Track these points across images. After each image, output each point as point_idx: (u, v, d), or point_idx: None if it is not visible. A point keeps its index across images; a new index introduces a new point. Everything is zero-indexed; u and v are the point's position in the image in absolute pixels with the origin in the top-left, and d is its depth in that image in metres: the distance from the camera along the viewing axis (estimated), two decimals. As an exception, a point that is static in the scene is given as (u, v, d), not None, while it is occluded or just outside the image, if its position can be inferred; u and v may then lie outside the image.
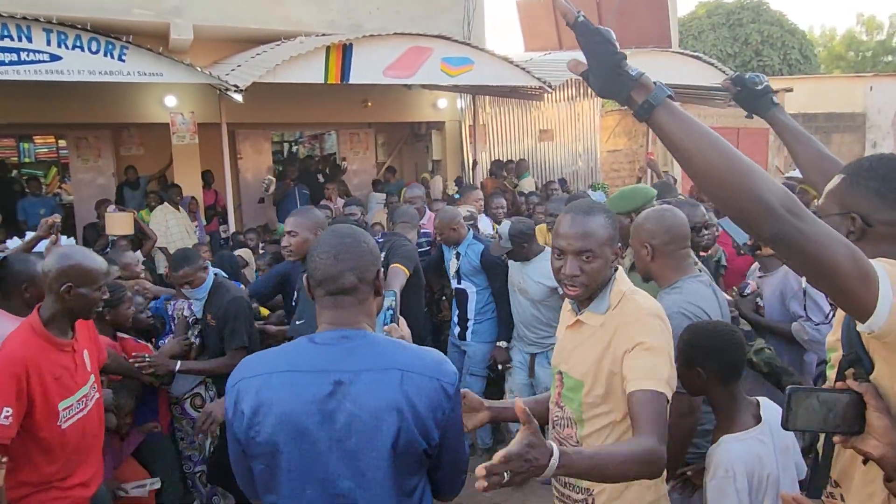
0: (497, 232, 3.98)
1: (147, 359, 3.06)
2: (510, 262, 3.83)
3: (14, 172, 11.02)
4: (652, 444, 1.49)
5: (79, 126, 8.64)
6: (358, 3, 8.25)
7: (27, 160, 11.66)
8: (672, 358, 1.69)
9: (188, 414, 3.40)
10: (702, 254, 3.03)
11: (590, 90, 9.80)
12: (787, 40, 18.55)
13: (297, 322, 2.99)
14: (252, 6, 7.62)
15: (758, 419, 1.85)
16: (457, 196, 6.70)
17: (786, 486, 1.82)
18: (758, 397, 1.94)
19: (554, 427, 1.88)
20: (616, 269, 1.81)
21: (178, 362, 3.16)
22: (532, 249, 3.70)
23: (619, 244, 1.81)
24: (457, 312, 4.18)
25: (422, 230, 4.65)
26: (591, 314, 1.77)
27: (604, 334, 1.72)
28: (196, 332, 3.44)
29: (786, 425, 1.24)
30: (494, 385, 4.25)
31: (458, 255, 4.12)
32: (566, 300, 1.87)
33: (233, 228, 7.25)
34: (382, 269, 1.54)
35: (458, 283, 4.13)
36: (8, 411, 2.08)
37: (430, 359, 1.44)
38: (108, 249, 6.62)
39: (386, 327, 1.74)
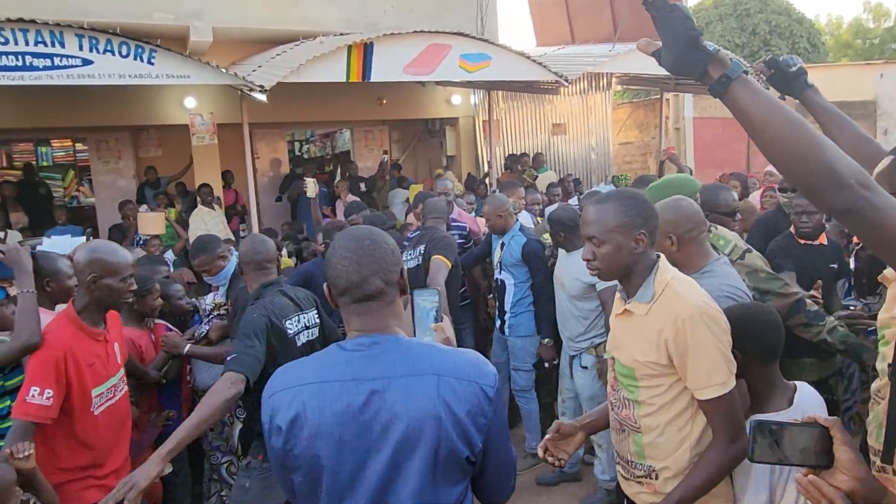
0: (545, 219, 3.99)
1: (163, 339, 3.23)
2: (559, 253, 3.77)
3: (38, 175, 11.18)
4: (721, 449, 1.69)
5: (99, 129, 8.77)
6: (373, 1, 8.33)
7: (45, 164, 11.78)
8: (724, 347, 1.72)
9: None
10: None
11: (602, 83, 9.86)
12: (795, 29, 18.49)
13: None
14: (269, 7, 7.72)
15: (791, 403, 1.85)
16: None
17: None
18: (797, 382, 1.95)
19: (613, 409, 1.96)
20: (658, 257, 1.85)
21: (188, 345, 3.24)
22: (572, 241, 3.62)
23: (643, 230, 1.81)
24: (497, 304, 4.16)
25: (453, 223, 4.63)
26: (636, 303, 1.82)
27: (650, 323, 1.77)
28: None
29: (751, 457, 1.21)
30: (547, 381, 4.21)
31: (502, 245, 4.08)
32: (617, 290, 1.94)
33: (255, 228, 7.35)
34: (405, 268, 1.49)
35: (499, 273, 4.11)
36: (49, 392, 2.24)
37: (467, 361, 1.38)
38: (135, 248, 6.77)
39: (433, 326, 1.69)
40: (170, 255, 6.39)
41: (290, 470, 1.36)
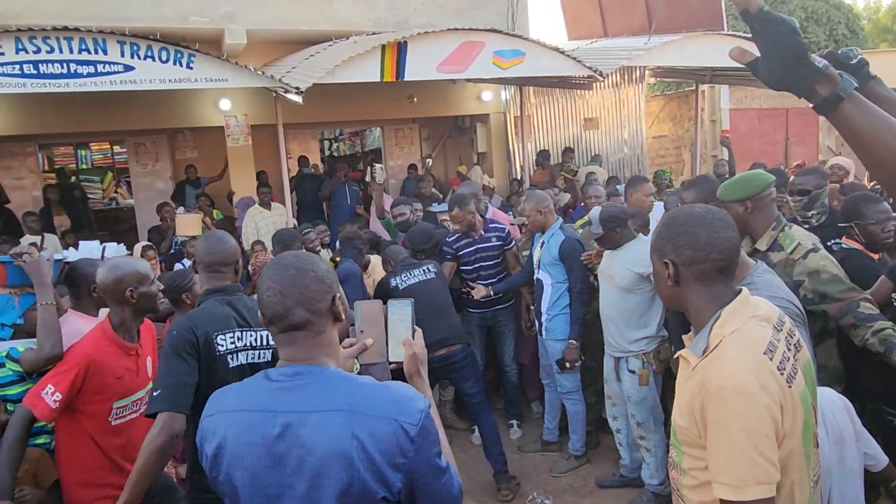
0: (589, 218, 3.84)
1: None
2: (605, 253, 3.68)
3: (73, 178, 11.45)
4: None
5: (137, 132, 8.94)
6: (403, -1, 8.34)
7: (84, 166, 12.06)
8: (755, 441, 1.31)
9: None
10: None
11: (635, 76, 9.71)
12: (833, 15, 17.99)
13: None
14: (301, 8, 7.77)
15: None
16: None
17: (843, 475, 1.81)
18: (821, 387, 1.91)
19: (670, 464, 1.65)
20: (731, 300, 1.46)
21: None
22: (624, 235, 3.52)
23: (668, 258, 1.50)
24: (535, 305, 4.10)
25: (490, 225, 4.55)
26: (689, 353, 1.50)
27: (696, 379, 1.43)
28: None
29: None
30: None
31: (542, 244, 3.98)
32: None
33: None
34: (339, 294, 1.42)
35: (538, 272, 4.02)
36: (58, 396, 2.36)
37: (388, 397, 1.31)
38: (172, 251, 6.89)
39: (402, 340, 1.61)
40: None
41: (220, 493, 1.38)
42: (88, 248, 3.64)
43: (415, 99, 9.20)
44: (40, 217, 7.12)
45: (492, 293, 4.36)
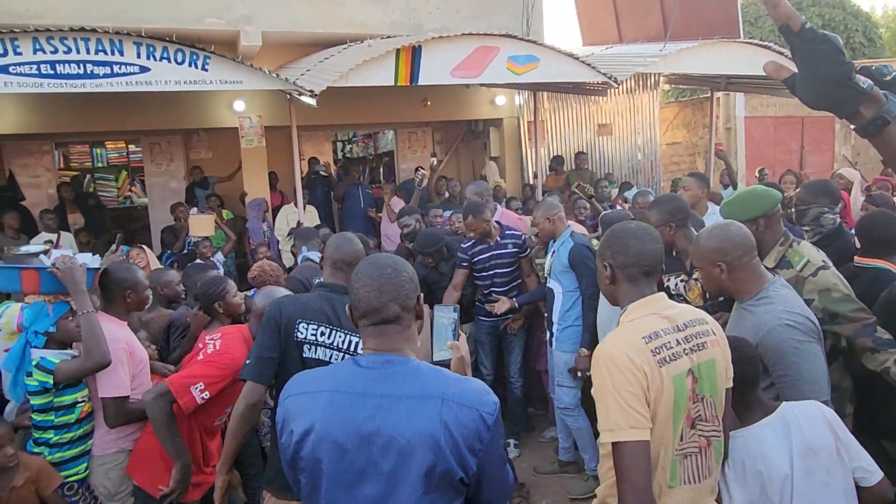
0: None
1: None
2: None
3: (86, 179, 11.55)
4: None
5: (152, 132, 9.01)
6: (419, 3, 8.33)
7: (99, 165, 12.18)
8: (618, 396, 1.61)
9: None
10: None
11: (650, 82, 9.66)
12: (850, 23, 17.83)
13: None
14: (317, 11, 7.79)
15: (764, 416, 1.93)
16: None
17: (812, 488, 1.81)
18: (786, 402, 1.96)
19: None
20: (642, 298, 1.79)
21: None
22: None
23: (605, 262, 1.85)
24: (546, 315, 4.02)
25: (506, 232, 4.45)
26: None
27: None
28: None
29: None
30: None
31: (553, 252, 3.93)
32: None
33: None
34: (421, 295, 1.56)
35: (549, 281, 3.96)
36: (206, 395, 2.55)
37: (471, 389, 1.44)
38: (185, 251, 6.93)
39: (448, 343, 1.72)
40: (219, 257, 6.52)
41: (297, 471, 1.48)
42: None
43: (428, 103, 9.20)
44: (57, 215, 7.17)
45: (517, 305, 4.28)
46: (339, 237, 2.64)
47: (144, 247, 5.12)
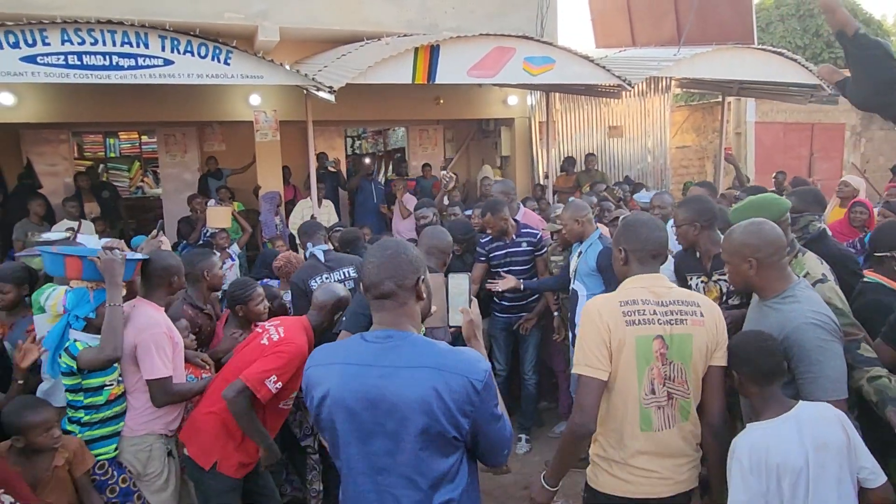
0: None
1: None
2: None
3: (100, 169, 11.64)
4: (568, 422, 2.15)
5: (167, 123, 9.09)
6: (434, 2, 8.40)
7: (112, 155, 12.28)
8: (585, 339, 2.11)
9: None
10: None
11: (661, 85, 9.70)
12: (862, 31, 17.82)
13: None
14: (334, 8, 7.86)
15: (783, 412, 2.01)
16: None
17: (826, 483, 1.90)
18: (802, 401, 2.05)
19: None
20: (633, 276, 2.23)
21: None
22: None
23: (620, 246, 2.27)
24: (570, 315, 4.03)
25: (523, 230, 4.52)
26: None
27: None
28: None
29: None
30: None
31: (579, 254, 3.95)
32: None
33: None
34: (424, 277, 1.73)
35: (574, 282, 3.97)
36: (279, 385, 2.71)
37: (462, 358, 1.64)
38: (201, 241, 7.02)
39: (460, 308, 1.94)
40: (235, 249, 6.61)
41: (321, 430, 1.74)
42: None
43: (441, 101, 9.27)
44: (80, 204, 7.26)
45: (521, 287, 4.28)
46: (434, 228, 3.44)
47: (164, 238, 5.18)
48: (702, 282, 3.12)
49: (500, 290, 4.28)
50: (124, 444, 2.83)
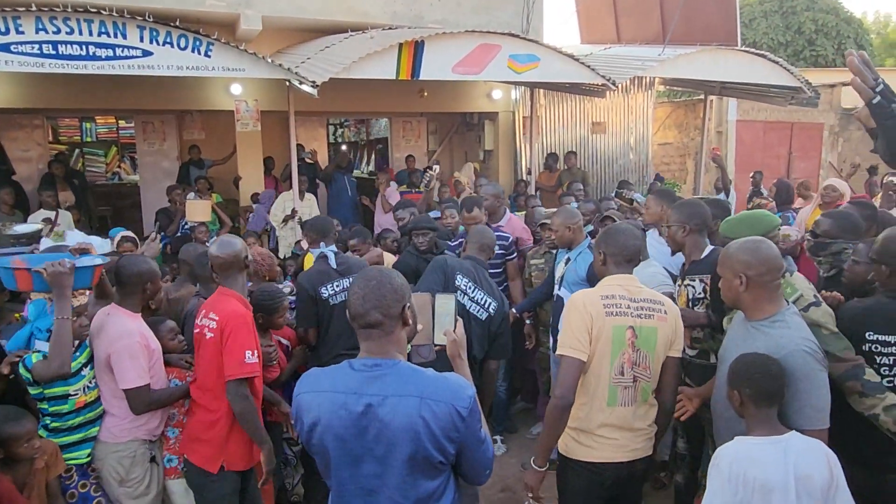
0: None
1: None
2: None
3: (76, 151, 11.42)
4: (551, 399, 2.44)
5: (145, 111, 8.92)
6: (420, -6, 8.31)
7: (88, 139, 12.04)
8: (568, 326, 2.44)
9: None
10: None
11: (645, 82, 9.73)
12: (843, 29, 18.01)
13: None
14: (318, -2, 7.74)
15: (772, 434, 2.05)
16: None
17: None
18: (796, 431, 2.06)
19: None
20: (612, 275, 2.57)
21: None
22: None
23: (599, 249, 2.61)
24: (551, 321, 4.00)
25: (496, 232, 4.24)
26: None
27: None
28: None
29: None
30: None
31: (567, 261, 3.91)
32: None
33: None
34: (409, 305, 1.77)
35: (559, 289, 3.91)
36: (255, 356, 2.69)
37: (447, 386, 1.69)
38: (179, 233, 6.92)
39: (444, 331, 1.97)
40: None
41: (312, 453, 1.79)
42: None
43: (425, 93, 9.21)
44: (55, 193, 7.11)
45: (518, 315, 4.32)
46: (481, 228, 3.86)
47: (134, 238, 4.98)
48: (677, 285, 3.17)
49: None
50: (106, 451, 2.80)
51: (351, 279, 3.62)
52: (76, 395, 2.72)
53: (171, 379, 2.96)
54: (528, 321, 4.56)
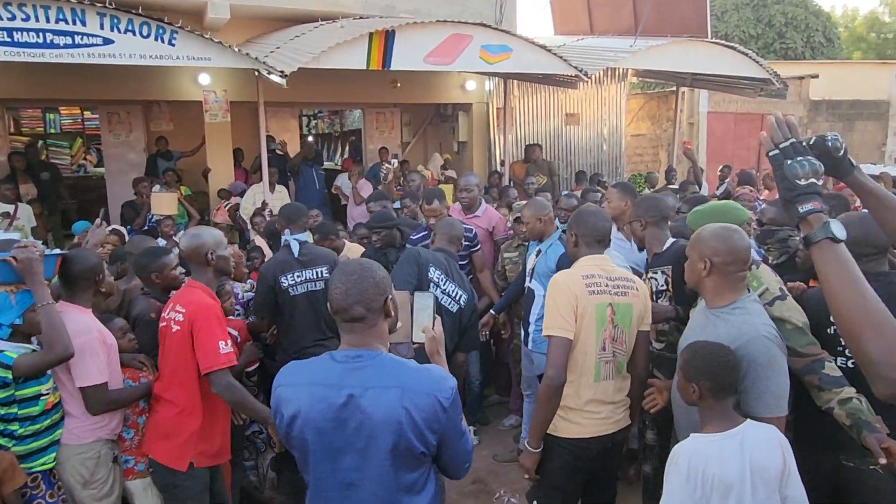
0: None
1: None
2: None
3: (39, 145, 11.09)
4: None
5: (110, 102, 8.69)
6: (392, -17, 8.21)
7: (52, 131, 11.72)
8: (554, 306, 2.52)
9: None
10: None
11: (618, 73, 9.75)
12: (812, 22, 18.29)
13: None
14: (288, -14, 7.60)
15: (728, 428, 2.02)
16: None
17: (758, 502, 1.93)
18: (750, 420, 2.05)
19: None
20: (586, 256, 2.70)
21: None
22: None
23: (574, 231, 2.74)
24: (523, 314, 3.93)
25: (465, 225, 4.28)
26: None
27: None
28: None
29: None
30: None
31: (538, 253, 3.85)
32: None
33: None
34: (391, 297, 1.76)
35: (530, 281, 3.85)
36: (228, 345, 2.64)
37: (429, 377, 1.69)
38: (146, 227, 6.77)
39: (422, 328, 1.97)
40: (182, 236, 6.40)
41: (290, 447, 1.77)
42: None
43: (398, 84, 9.12)
44: (15, 186, 6.89)
45: (495, 316, 4.34)
46: (449, 220, 3.88)
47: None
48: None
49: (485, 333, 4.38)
50: (69, 453, 2.70)
51: (314, 271, 3.59)
52: (47, 394, 2.62)
53: (124, 380, 2.87)
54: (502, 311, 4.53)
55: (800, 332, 2.33)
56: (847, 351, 2.38)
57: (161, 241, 5.57)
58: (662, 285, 3.05)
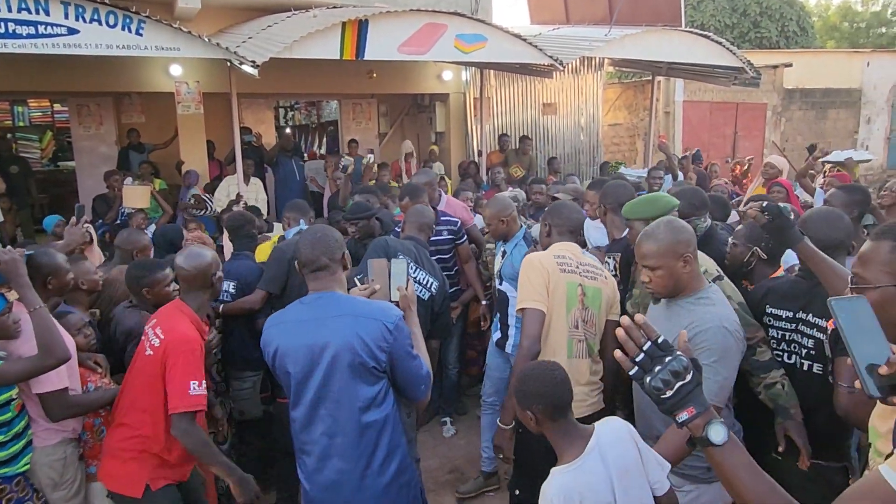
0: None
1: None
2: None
3: (8, 139, 10.83)
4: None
5: (80, 93, 8.51)
6: (366, -28, 8.11)
7: (21, 124, 11.45)
8: (527, 282, 2.66)
9: None
10: None
11: (595, 63, 9.76)
12: (786, 11, 18.46)
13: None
14: (260, -26, 7.49)
15: (584, 448, 1.87)
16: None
17: None
18: (597, 423, 1.94)
19: None
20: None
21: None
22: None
23: (548, 221, 2.93)
24: (499, 316, 3.71)
25: (442, 218, 4.33)
26: None
27: None
28: None
29: None
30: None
31: (503, 254, 3.72)
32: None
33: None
34: (345, 251, 2.21)
35: (500, 283, 3.70)
36: (202, 387, 2.42)
37: (376, 306, 2.14)
38: (118, 221, 6.66)
39: (397, 287, 2.39)
40: (153, 230, 6.30)
41: (278, 377, 2.21)
42: None
43: (374, 75, 9.05)
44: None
45: (485, 303, 4.46)
46: (419, 208, 3.88)
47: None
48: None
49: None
50: (38, 456, 2.62)
51: None
52: (18, 398, 2.56)
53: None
54: (484, 302, 4.54)
55: (742, 308, 2.38)
56: (772, 341, 2.45)
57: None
58: (612, 270, 3.20)
